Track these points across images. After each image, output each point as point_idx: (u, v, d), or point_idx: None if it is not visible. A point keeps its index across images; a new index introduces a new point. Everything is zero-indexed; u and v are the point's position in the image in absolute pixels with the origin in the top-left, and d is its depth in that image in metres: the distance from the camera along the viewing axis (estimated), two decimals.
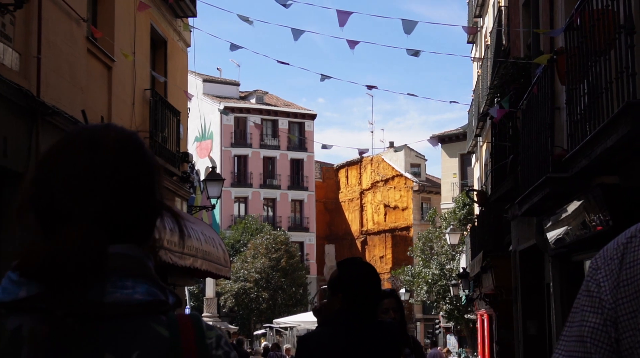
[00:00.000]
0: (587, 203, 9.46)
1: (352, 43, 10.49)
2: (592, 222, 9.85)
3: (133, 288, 1.50)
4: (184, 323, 1.56)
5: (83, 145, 1.57)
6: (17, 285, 1.47)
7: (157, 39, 17.73)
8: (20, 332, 1.46)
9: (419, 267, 46.86)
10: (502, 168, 14.72)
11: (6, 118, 10.56)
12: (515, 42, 15.83)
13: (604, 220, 9.00)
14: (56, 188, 1.53)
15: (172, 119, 17.83)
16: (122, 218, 1.55)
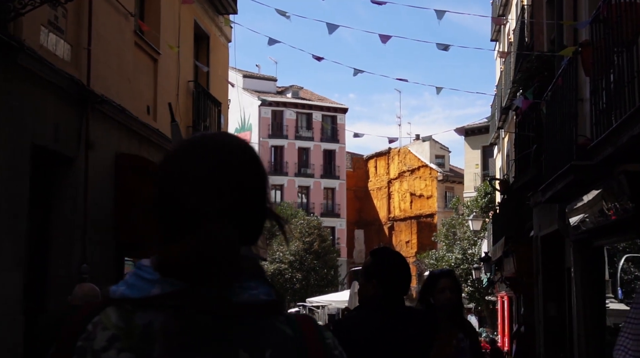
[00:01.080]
0: (610, 190, 9.12)
1: (384, 37, 10.23)
2: (614, 208, 9.51)
3: (257, 289, 1.48)
4: (305, 323, 1.54)
5: (212, 149, 1.54)
6: (150, 283, 1.44)
7: (200, 34, 17.52)
8: (152, 327, 1.43)
9: (443, 251, 46.50)
10: (525, 157, 14.36)
11: (58, 106, 10.44)
12: (538, 37, 15.44)
13: (627, 207, 8.66)
14: (187, 188, 1.49)
15: (214, 109, 17.64)
16: (244, 220, 1.51)
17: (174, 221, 1.50)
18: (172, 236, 1.47)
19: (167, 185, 1.53)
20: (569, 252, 12.69)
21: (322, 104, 66.55)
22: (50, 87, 10.16)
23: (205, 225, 1.42)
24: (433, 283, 5.45)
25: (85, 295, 7.09)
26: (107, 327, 1.45)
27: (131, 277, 1.49)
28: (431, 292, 5.47)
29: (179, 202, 1.49)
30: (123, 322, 1.45)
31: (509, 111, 24.67)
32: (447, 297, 5.38)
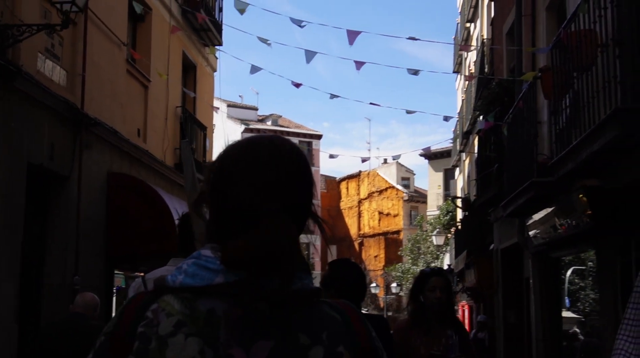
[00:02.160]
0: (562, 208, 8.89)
1: (358, 64, 9.98)
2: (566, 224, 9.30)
3: (306, 279, 1.47)
4: (348, 308, 1.52)
5: (267, 151, 1.50)
6: (214, 272, 1.40)
7: (188, 64, 17.21)
8: (215, 313, 1.39)
9: (408, 264, 46.47)
10: (487, 176, 14.15)
11: (54, 127, 10.14)
12: (498, 66, 15.28)
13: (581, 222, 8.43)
14: (243, 186, 1.45)
15: (200, 133, 17.31)
16: (295, 218, 1.46)
17: (229, 217, 1.46)
18: (228, 232, 1.43)
19: (226, 183, 1.47)
20: (527, 263, 12.46)
21: (299, 131, 66.32)
22: (46, 110, 9.87)
23: (268, 221, 1.39)
24: (423, 282, 5.15)
25: (86, 303, 6.96)
26: (172, 313, 1.39)
27: (190, 266, 1.43)
28: (421, 290, 5.16)
29: (239, 200, 1.44)
30: (187, 308, 1.39)
31: (470, 136, 24.56)
32: (437, 295, 5.07)
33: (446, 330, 5.05)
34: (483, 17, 21.47)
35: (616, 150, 6.95)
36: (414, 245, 46.29)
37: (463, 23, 26.87)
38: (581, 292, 15.83)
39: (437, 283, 5.08)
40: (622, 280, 8.09)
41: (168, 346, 1.36)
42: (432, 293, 5.04)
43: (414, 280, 5.40)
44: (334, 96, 11.58)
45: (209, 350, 1.36)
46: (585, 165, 7.50)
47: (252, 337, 1.39)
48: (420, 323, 5.04)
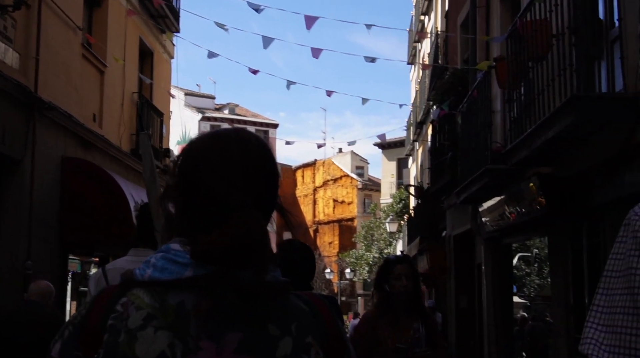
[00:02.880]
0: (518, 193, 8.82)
1: (316, 51, 9.75)
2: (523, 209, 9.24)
3: (275, 271, 1.45)
4: (315, 299, 1.53)
5: (234, 143, 1.48)
6: (183, 266, 1.38)
7: (144, 50, 16.78)
8: (184, 306, 1.37)
9: (362, 251, 46.49)
10: (440, 164, 14.07)
11: (6, 110, 9.74)
12: (452, 58, 15.19)
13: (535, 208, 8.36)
14: (213, 180, 1.42)
15: (157, 119, 16.93)
16: (263, 211, 1.44)
17: (199, 210, 1.42)
18: (197, 225, 1.40)
19: (196, 177, 1.44)
20: (480, 249, 12.42)
21: (256, 120, 65.81)
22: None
23: (240, 215, 1.36)
24: (388, 270, 4.82)
25: (41, 291, 6.91)
26: (141, 307, 1.37)
27: (159, 260, 1.41)
28: (386, 278, 4.81)
29: (211, 194, 1.41)
30: (156, 302, 1.37)
31: (423, 125, 24.52)
32: (403, 284, 4.73)
33: (413, 322, 4.76)
34: (437, 9, 21.38)
35: (570, 139, 6.87)
36: (368, 232, 46.31)
37: (417, 16, 26.78)
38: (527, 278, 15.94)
39: (403, 270, 4.77)
40: (573, 266, 8.04)
41: (137, 339, 1.34)
42: (397, 281, 4.73)
43: (378, 268, 5.04)
44: (291, 83, 11.37)
45: (178, 343, 1.35)
46: (539, 153, 7.42)
47: (222, 329, 1.38)
48: (387, 314, 4.74)
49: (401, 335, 4.62)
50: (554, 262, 8.71)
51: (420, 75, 25.49)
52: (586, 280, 7.61)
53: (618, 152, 6.17)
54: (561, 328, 8.22)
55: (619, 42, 6.51)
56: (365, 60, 10.03)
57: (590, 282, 7.51)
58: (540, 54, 7.33)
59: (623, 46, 5.98)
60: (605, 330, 1.49)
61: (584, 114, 5.78)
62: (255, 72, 11.22)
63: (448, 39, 16.77)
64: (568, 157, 7.57)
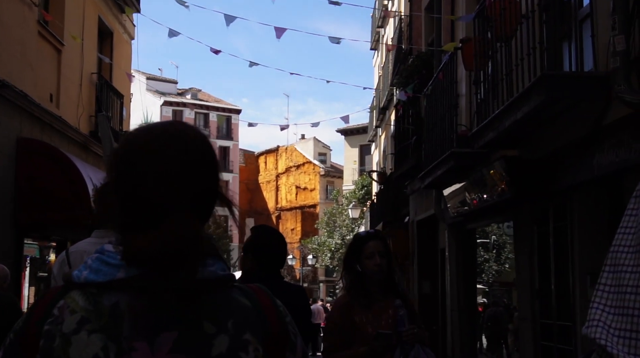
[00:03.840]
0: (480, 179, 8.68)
1: (279, 31, 9.49)
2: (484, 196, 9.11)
3: (214, 266, 1.41)
4: (259, 293, 1.49)
5: (172, 140, 1.42)
6: (115, 267, 1.36)
7: (104, 30, 16.32)
8: (119, 307, 1.35)
9: (324, 237, 46.40)
10: (404, 149, 13.90)
11: None
12: (417, 41, 15.02)
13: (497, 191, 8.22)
14: (152, 183, 1.37)
15: (117, 101, 16.50)
16: (202, 205, 1.42)
17: (135, 208, 1.39)
18: (132, 225, 1.38)
19: (130, 178, 1.40)
20: (443, 234, 12.30)
21: (218, 105, 65.25)
22: None
23: (173, 218, 1.34)
24: (359, 248, 4.29)
25: None
26: (75, 310, 1.36)
27: (94, 262, 1.40)
28: (357, 257, 4.29)
29: (144, 196, 1.38)
30: (90, 304, 1.36)
31: (386, 111, 24.38)
32: (377, 262, 4.21)
33: (391, 300, 4.25)
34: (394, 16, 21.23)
35: (538, 120, 6.73)
36: (330, 219, 46.26)
37: (381, 1, 26.58)
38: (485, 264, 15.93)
39: (376, 247, 4.25)
40: (539, 250, 7.93)
41: (71, 344, 1.33)
42: (370, 260, 4.22)
43: (348, 246, 4.50)
44: (253, 64, 11.09)
45: (112, 345, 1.33)
46: (505, 135, 7.27)
47: (156, 329, 1.35)
48: (361, 297, 4.23)
49: (380, 318, 4.20)
50: (519, 246, 8.60)
51: (384, 61, 25.32)
52: (552, 264, 7.50)
53: (588, 133, 6.04)
54: (526, 313, 8.11)
55: (588, 21, 6.37)
56: (330, 41, 9.81)
57: (557, 265, 7.40)
58: (507, 34, 7.16)
59: (594, 24, 5.83)
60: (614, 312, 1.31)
61: (554, 93, 5.62)
62: (217, 52, 10.94)
63: (412, 23, 16.59)
64: (535, 139, 7.44)
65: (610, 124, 5.65)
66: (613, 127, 5.60)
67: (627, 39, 5.21)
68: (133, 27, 18.46)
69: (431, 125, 10.67)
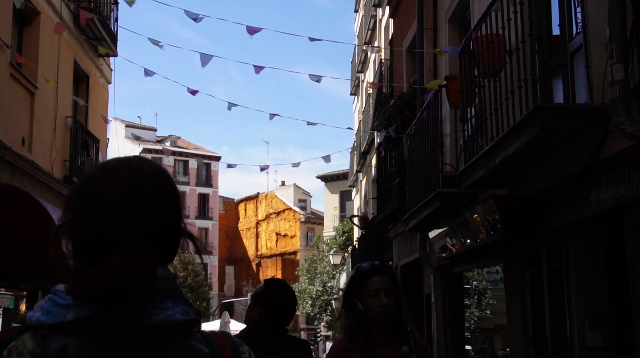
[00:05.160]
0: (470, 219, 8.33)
1: (257, 68, 9.19)
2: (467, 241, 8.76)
3: (173, 309, 1.34)
4: (220, 340, 1.41)
5: (125, 175, 1.39)
6: (64, 308, 1.30)
7: (80, 74, 15.99)
8: (67, 351, 1.30)
9: (305, 284, 45.82)
10: (387, 192, 13.57)
11: None
12: (398, 83, 14.80)
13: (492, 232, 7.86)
14: (102, 215, 1.34)
15: (92, 145, 16.09)
16: (161, 242, 1.37)
17: (90, 247, 1.35)
18: (88, 261, 1.33)
19: (83, 211, 1.37)
20: (428, 279, 11.90)
21: (198, 152, 64.99)
22: None
23: (122, 251, 1.29)
24: (361, 284, 3.67)
25: None
26: (23, 353, 1.31)
27: (47, 302, 1.33)
28: (360, 295, 3.66)
29: (96, 229, 1.34)
30: (38, 347, 1.30)
31: (367, 155, 24.13)
32: (382, 302, 3.57)
33: (398, 346, 3.59)
34: (381, 38, 21.12)
35: (530, 156, 6.43)
36: (311, 265, 45.79)
37: (361, 46, 26.54)
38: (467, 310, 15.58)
39: (381, 283, 3.62)
40: (532, 293, 7.54)
41: None
42: (374, 298, 3.60)
43: (348, 281, 3.84)
44: (232, 105, 10.73)
45: None
46: (495, 173, 6.95)
47: None
48: (362, 341, 3.57)
49: None
50: (510, 290, 8.21)
51: (364, 105, 25.16)
52: (547, 308, 7.11)
53: (583, 168, 5.72)
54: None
55: (578, 54, 6.12)
56: (311, 79, 9.50)
57: (552, 309, 7.02)
58: (494, 69, 6.88)
59: (588, 54, 5.55)
60: None
61: (548, 126, 5.31)
62: (194, 92, 10.60)
63: (393, 65, 16.41)
64: (526, 177, 7.12)
65: (609, 158, 5.33)
66: (611, 161, 5.28)
67: (625, 68, 4.93)
68: (110, 71, 18.15)
69: (415, 166, 10.35)
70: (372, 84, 16.25)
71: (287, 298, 4.15)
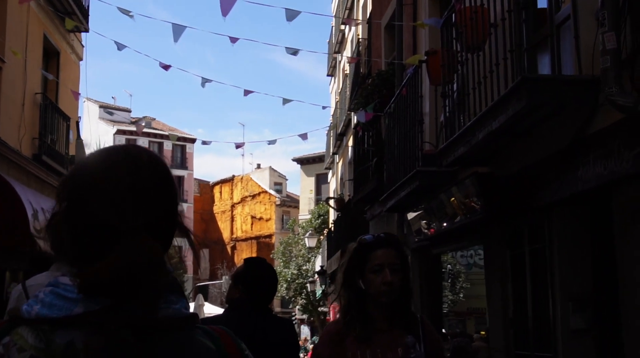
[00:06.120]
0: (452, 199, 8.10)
1: (233, 39, 8.87)
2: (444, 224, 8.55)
3: (178, 303, 1.32)
4: (224, 336, 1.39)
5: (123, 164, 1.34)
6: (73, 301, 1.24)
7: (50, 49, 15.53)
8: (74, 345, 1.23)
9: (280, 267, 45.58)
10: (364, 173, 13.31)
11: None
12: (376, 62, 14.52)
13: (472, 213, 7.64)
14: (99, 204, 1.28)
15: (63, 123, 15.67)
16: (159, 234, 1.31)
17: (86, 237, 1.28)
18: (84, 252, 1.27)
19: (82, 201, 1.30)
20: None
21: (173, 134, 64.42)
22: None
23: (127, 241, 1.23)
24: (363, 258, 3.09)
25: None
26: (24, 348, 1.22)
27: (47, 295, 1.25)
28: (361, 271, 3.10)
29: (92, 218, 1.28)
30: (42, 342, 1.22)
31: (344, 137, 23.86)
32: (386, 279, 3.00)
33: (403, 334, 3.05)
34: (358, 17, 20.80)
35: (513, 132, 6.19)
36: (286, 248, 45.54)
37: (338, 26, 26.19)
38: None
39: (386, 258, 3.04)
40: (513, 275, 7.33)
41: None
42: (377, 275, 3.03)
43: (349, 255, 3.20)
44: (206, 80, 10.40)
45: None
46: (476, 150, 6.71)
47: None
48: (359, 326, 3.06)
49: (386, 351, 3.01)
50: (490, 272, 8.00)
51: (341, 86, 24.87)
52: (529, 290, 6.90)
53: (570, 144, 5.49)
54: (499, 343, 7.50)
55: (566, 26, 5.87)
56: (287, 52, 9.20)
57: (534, 291, 6.81)
58: (479, 42, 6.63)
59: (577, 24, 5.30)
60: None
61: (536, 97, 5.06)
62: (166, 67, 10.25)
63: (371, 44, 16.12)
64: (509, 154, 6.89)
65: (597, 132, 5.11)
66: (600, 135, 5.05)
67: (617, 37, 4.69)
68: (82, 47, 17.69)
69: (393, 145, 10.09)
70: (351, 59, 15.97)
71: (268, 276, 4.09)
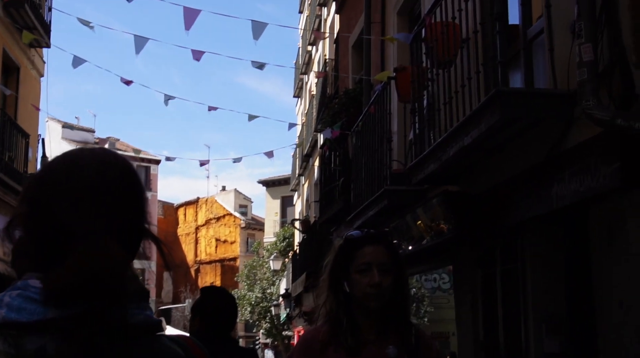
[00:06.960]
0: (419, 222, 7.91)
1: (197, 53, 8.63)
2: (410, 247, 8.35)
3: (148, 310, 1.29)
4: (190, 344, 1.37)
5: (87, 164, 1.29)
6: (44, 305, 1.17)
7: (9, 64, 15.17)
8: (45, 351, 1.17)
9: (244, 290, 45.17)
10: (330, 193, 13.09)
11: None
12: (344, 80, 14.37)
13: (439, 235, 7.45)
14: (57, 206, 1.23)
15: (22, 140, 15.26)
16: (124, 239, 1.26)
17: (46, 241, 1.23)
18: (46, 257, 1.21)
19: (43, 203, 1.25)
20: None
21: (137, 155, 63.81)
22: None
23: (85, 244, 1.17)
24: (350, 255, 2.69)
25: None
26: None
27: (15, 299, 1.18)
28: (346, 270, 2.70)
29: (51, 220, 1.23)
30: (11, 347, 1.16)
31: (310, 159, 23.68)
32: (374, 280, 2.61)
33: (386, 342, 2.64)
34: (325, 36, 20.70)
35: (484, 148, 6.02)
36: (250, 271, 45.16)
37: (305, 47, 26.10)
38: None
39: (374, 256, 2.65)
40: (483, 296, 7.14)
41: None
42: (362, 275, 2.65)
43: (334, 253, 2.77)
44: (169, 97, 10.14)
45: None
46: (446, 167, 6.52)
47: None
48: (342, 334, 2.65)
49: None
50: (460, 293, 7.80)
51: (307, 107, 24.73)
52: (500, 311, 6.70)
53: (544, 160, 5.32)
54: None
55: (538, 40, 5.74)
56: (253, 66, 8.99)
57: (506, 313, 6.61)
58: (450, 57, 6.47)
59: (552, 37, 5.16)
60: None
61: (510, 111, 4.89)
62: (128, 82, 9.96)
63: (338, 64, 15.99)
64: (480, 172, 6.72)
65: (573, 147, 4.94)
66: (576, 150, 4.89)
67: (594, 49, 4.53)
68: (43, 63, 17.32)
69: (361, 164, 9.89)
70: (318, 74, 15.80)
71: (225, 305, 4.05)
